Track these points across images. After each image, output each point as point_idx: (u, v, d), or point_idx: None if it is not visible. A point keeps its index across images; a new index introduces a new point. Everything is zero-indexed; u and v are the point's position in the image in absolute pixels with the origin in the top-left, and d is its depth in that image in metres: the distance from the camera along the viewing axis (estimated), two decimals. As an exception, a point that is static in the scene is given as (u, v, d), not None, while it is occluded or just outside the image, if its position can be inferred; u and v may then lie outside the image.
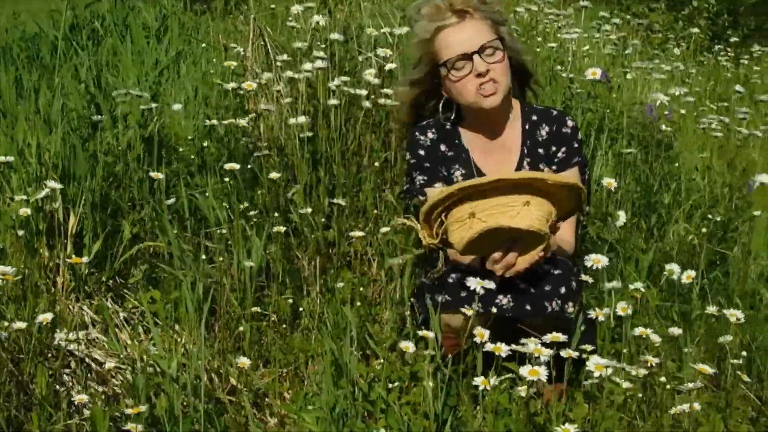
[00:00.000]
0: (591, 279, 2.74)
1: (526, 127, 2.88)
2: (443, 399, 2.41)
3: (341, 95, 3.32)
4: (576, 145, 2.86)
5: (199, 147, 3.34)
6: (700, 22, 8.36)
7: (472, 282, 2.48)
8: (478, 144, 2.89)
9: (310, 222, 3.11)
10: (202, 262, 2.93)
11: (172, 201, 3.07)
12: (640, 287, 2.68)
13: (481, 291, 2.48)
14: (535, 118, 2.88)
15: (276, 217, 3.11)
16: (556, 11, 5.38)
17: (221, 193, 3.10)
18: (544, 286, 2.57)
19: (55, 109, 3.27)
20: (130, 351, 2.76)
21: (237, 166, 3.11)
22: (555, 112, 2.91)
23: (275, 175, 3.11)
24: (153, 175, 3.06)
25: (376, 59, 3.52)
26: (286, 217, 3.16)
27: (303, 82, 3.32)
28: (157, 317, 2.87)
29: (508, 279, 2.55)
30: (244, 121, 3.30)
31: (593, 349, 2.48)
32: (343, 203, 3.17)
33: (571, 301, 2.55)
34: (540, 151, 2.86)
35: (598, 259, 2.67)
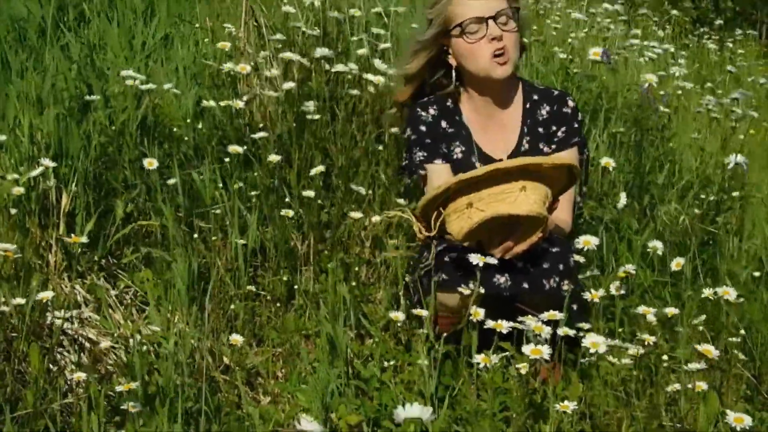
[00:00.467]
0: (583, 259, 2.75)
1: (527, 106, 2.87)
2: (437, 377, 2.41)
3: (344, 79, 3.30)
4: (576, 126, 2.86)
5: (192, 128, 3.32)
6: (685, 4, 8.38)
7: (474, 258, 2.47)
8: (479, 122, 2.88)
9: (306, 203, 3.10)
10: (196, 241, 2.91)
11: (174, 181, 3.05)
12: (631, 268, 2.68)
13: (481, 265, 2.47)
14: (536, 97, 2.88)
15: (273, 198, 3.10)
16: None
17: (216, 174, 3.09)
18: (542, 264, 2.57)
19: (47, 88, 3.25)
20: (123, 330, 2.76)
21: (240, 150, 3.10)
22: (556, 92, 2.91)
23: (275, 157, 3.09)
24: (147, 162, 3.03)
25: (368, 40, 3.51)
26: (280, 199, 3.15)
27: (296, 67, 3.30)
28: (150, 297, 2.86)
29: (507, 259, 2.56)
30: (241, 103, 3.28)
31: (589, 327, 2.49)
32: (339, 184, 3.17)
33: (569, 278, 2.55)
34: (540, 130, 2.86)
35: (588, 240, 2.68)
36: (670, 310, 2.57)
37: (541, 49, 4.48)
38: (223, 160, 3.14)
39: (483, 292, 2.51)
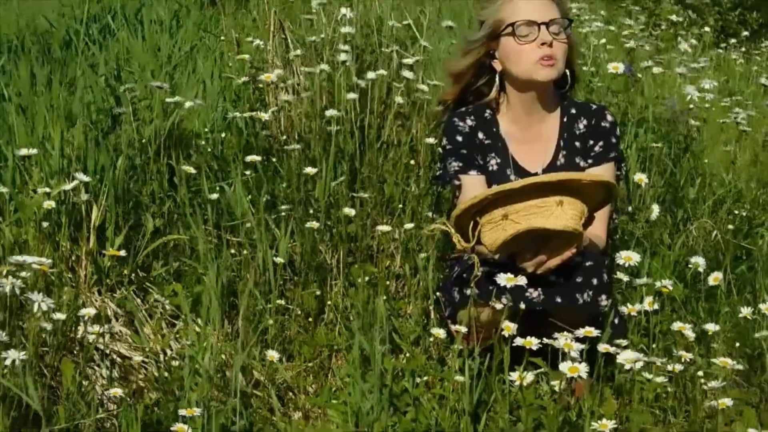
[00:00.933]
0: (626, 277, 2.72)
1: (565, 119, 2.85)
2: (478, 394, 2.39)
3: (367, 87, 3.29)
4: (614, 141, 2.84)
5: (219, 140, 3.31)
6: (709, 20, 8.33)
7: (502, 279, 2.46)
8: (516, 134, 2.86)
9: (334, 216, 3.09)
10: (228, 255, 2.90)
11: (212, 196, 3.03)
12: (668, 284, 2.65)
13: (509, 286, 2.46)
14: (573, 111, 2.86)
15: (302, 211, 3.09)
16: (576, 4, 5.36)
17: (244, 186, 3.08)
18: (576, 278, 2.55)
19: (77, 101, 3.24)
20: (154, 345, 2.74)
21: (266, 161, 3.09)
22: (594, 107, 2.89)
23: (311, 170, 3.08)
24: (185, 169, 3.02)
25: (398, 52, 3.50)
26: (307, 211, 3.14)
27: (318, 76, 3.29)
28: (179, 311, 2.85)
29: (544, 275, 2.54)
30: (267, 115, 3.27)
31: (627, 343, 2.46)
32: (366, 196, 3.15)
33: (604, 293, 2.53)
34: (577, 144, 2.83)
35: (630, 256, 2.65)
36: (709, 327, 2.55)
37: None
38: (247, 172, 3.13)
39: (516, 306, 2.49)
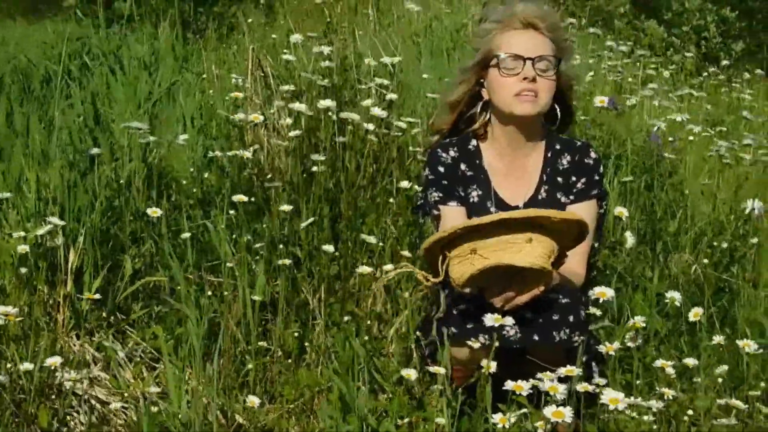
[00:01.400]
0: (599, 312, 2.71)
1: (549, 155, 2.85)
2: (458, 435, 2.37)
3: (351, 129, 3.29)
4: (597, 178, 2.83)
5: (200, 179, 3.30)
6: (690, 47, 8.37)
7: (489, 320, 2.45)
8: (499, 167, 2.86)
9: (316, 256, 3.07)
10: (208, 297, 2.88)
11: (186, 235, 3.01)
12: (641, 320, 2.62)
13: (496, 326, 2.45)
14: (558, 146, 2.86)
15: (282, 249, 3.07)
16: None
17: (225, 226, 3.06)
18: (552, 315, 2.53)
19: (54, 143, 3.23)
20: (133, 389, 2.71)
21: (248, 200, 3.07)
22: (579, 143, 2.89)
23: (286, 207, 3.07)
24: (150, 212, 3.01)
25: (376, 88, 3.50)
26: (288, 250, 3.12)
27: (304, 117, 3.29)
28: (159, 353, 2.82)
29: (515, 310, 2.53)
30: (249, 153, 3.26)
31: (606, 382, 2.45)
32: (348, 235, 3.14)
33: (578, 330, 2.52)
34: (559, 179, 2.83)
35: (603, 292, 2.63)
36: (689, 361, 2.53)
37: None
38: (230, 211, 3.11)
39: (492, 344, 2.48)
